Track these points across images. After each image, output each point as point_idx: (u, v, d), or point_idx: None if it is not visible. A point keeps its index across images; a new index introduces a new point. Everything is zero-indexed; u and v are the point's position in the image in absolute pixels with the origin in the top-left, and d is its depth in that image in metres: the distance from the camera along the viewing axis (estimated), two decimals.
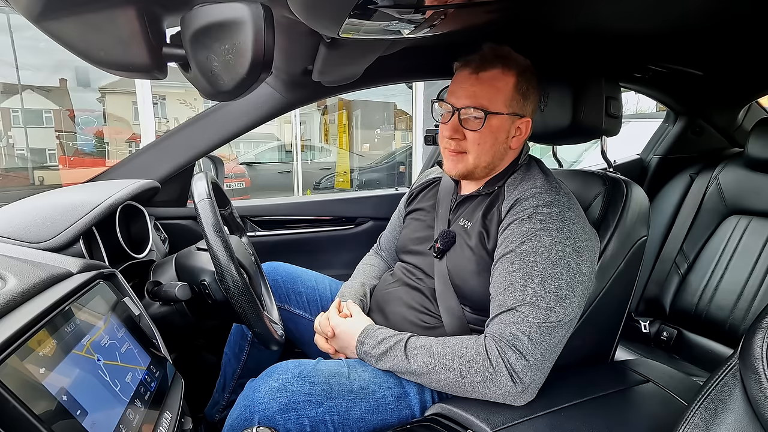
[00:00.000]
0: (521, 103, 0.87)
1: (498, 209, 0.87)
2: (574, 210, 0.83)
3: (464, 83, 0.86)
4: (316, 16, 0.57)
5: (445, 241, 0.91)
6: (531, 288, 0.76)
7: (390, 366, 0.83)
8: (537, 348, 0.74)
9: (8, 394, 0.41)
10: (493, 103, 0.84)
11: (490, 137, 0.86)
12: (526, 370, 0.74)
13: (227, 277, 0.75)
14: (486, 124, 0.84)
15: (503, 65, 0.84)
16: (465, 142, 0.87)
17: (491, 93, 0.84)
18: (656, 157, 1.83)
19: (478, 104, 0.84)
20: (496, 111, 0.84)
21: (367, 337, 0.86)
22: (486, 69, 0.84)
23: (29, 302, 0.53)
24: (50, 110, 6.06)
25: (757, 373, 0.48)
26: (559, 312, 0.75)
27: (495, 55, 0.84)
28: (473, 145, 0.86)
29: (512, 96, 0.85)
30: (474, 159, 0.87)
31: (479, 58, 0.85)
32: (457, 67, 0.89)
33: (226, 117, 1.23)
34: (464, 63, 0.87)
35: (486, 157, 0.88)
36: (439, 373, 0.77)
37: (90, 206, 0.83)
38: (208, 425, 1.13)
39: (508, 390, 0.74)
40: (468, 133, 0.86)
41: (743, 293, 1.41)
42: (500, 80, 0.84)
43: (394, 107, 7.36)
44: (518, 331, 0.74)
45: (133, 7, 0.43)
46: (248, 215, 1.48)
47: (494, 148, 0.87)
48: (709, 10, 0.81)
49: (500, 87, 0.84)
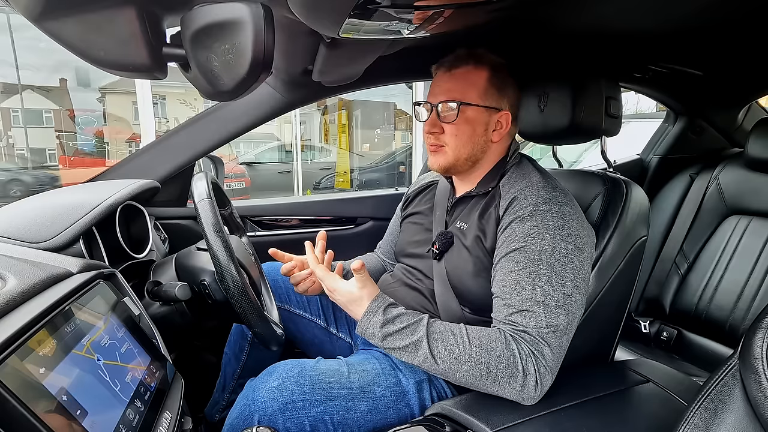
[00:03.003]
0: (496, 96, 0.89)
1: (495, 208, 0.87)
2: (572, 206, 0.83)
3: (440, 82, 0.90)
4: (316, 16, 0.57)
5: (443, 243, 0.91)
6: (539, 287, 0.75)
7: (402, 345, 0.76)
8: (555, 352, 0.74)
9: (8, 394, 0.41)
10: (466, 96, 0.87)
11: (466, 129, 0.88)
12: (546, 373, 0.74)
13: (227, 277, 0.75)
14: (460, 116, 0.87)
15: (475, 61, 0.88)
16: (443, 135, 0.89)
17: (464, 86, 0.87)
18: (656, 157, 1.83)
19: (452, 98, 0.87)
20: (469, 102, 0.86)
21: (380, 307, 0.79)
22: (458, 66, 0.88)
23: (29, 302, 0.53)
24: (50, 110, 6.07)
25: (757, 373, 0.48)
26: (568, 310, 0.75)
27: (468, 54, 0.88)
28: (451, 138, 0.89)
29: (486, 89, 0.87)
30: (453, 151, 0.89)
31: (453, 58, 0.89)
32: (434, 70, 0.93)
33: (226, 117, 1.23)
34: (439, 64, 0.91)
35: (465, 149, 0.89)
36: (462, 364, 0.73)
37: (90, 206, 0.83)
38: (208, 425, 1.13)
39: (529, 391, 0.73)
40: (445, 126, 0.89)
41: (743, 293, 1.41)
42: (473, 74, 0.87)
43: (394, 107, 7.37)
44: (537, 335, 0.74)
45: (133, 7, 0.43)
46: (248, 215, 1.48)
47: (472, 140, 0.89)
48: (709, 10, 0.81)
49: (473, 81, 0.87)
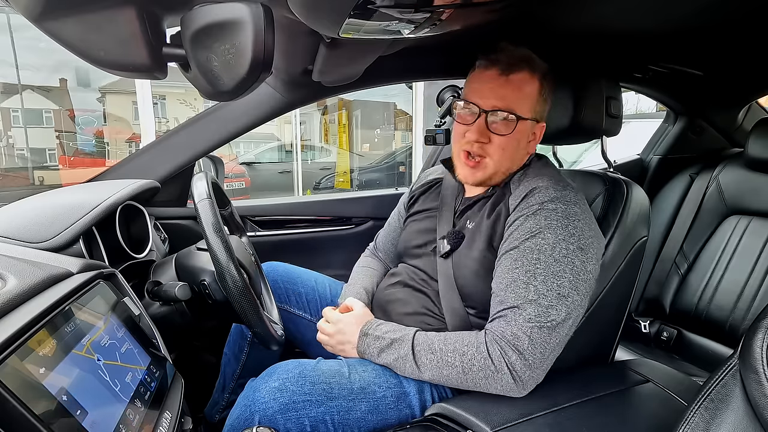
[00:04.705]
0: (542, 107, 0.86)
1: (505, 206, 0.86)
2: (581, 206, 0.82)
3: (492, 84, 0.82)
4: (316, 16, 0.57)
5: (454, 241, 0.90)
6: (533, 285, 0.76)
7: (393, 359, 0.82)
8: (537, 348, 0.74)
9: (8, 394, 0.41)
10: (521, 108, 0.82)
11: (514, 143, 0.84)
12: (525, 369, 0.74)
13: (227, 277, 0.75)
14: (515, 129, 0.82)
15: (530, 68, 0.82)
16: (489, 146, 0.84)
17: (520, 97, 0.82)
18: (656, 157, 1.83)
19: (508, 107, 0.81)
20: (524, 116, 0.82)
21: (371, 329, 0.86)
22: (514, 71, 0.82)
23: (29, 302, 0.53)
24: (50, 110, 6.06)
25: (757, 373, 0.48)
26: (560, 310, 0.75)
27: (521, 58, 0.82)
28: (497, 150, 0.84)
29: (537, 101, 0.84)
30: (495, 165, 0.86)
31: (506, 58, 0.82)
32: (480, 66, 0.85)
33: (226, 117, 1.23)
34: (490, 62, 0.83)
35: (507, 163, 0.86)
36: (442, 370, 0.78)
37: (90, 206, 0.83)
38: (208, 425, 1.13)
39: (509, 387, 0.76)
40: (494, 137, 0.83)
41: (743, 293, 1.41)
42: (528, 84, 0.82)
43: (394, 107, 7.36)
44: (519, 331, 0.75)
45: (133, 7, 0.43)
46: (248, 215, 1.48)
47: (516, 153, 0.86)
48: (709, 10, 0.81)
49: (528, 91, 0.83)
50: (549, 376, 0.79)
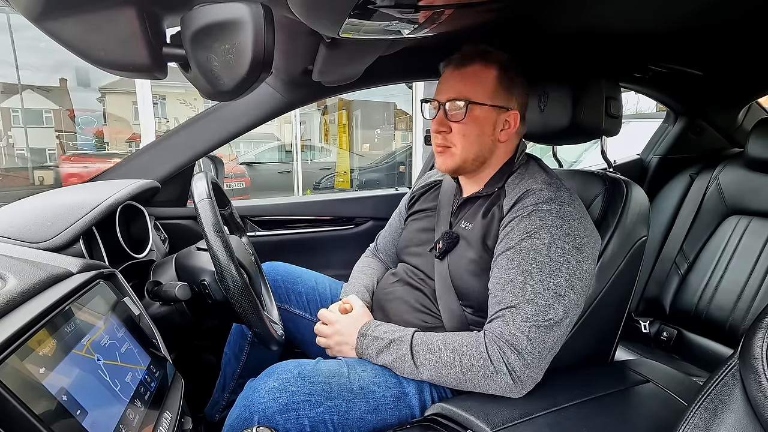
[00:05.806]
0: (505, 95, 0.89)
1: (500, 208, 0.87)
2: (575, 206, 0.83)
3: (448, 79, 0.89)
4: (316, 16, 0.57)
5: (448, 242, 0.92)
6: (530, 285, 0.76)
7: (391, 360, 0.83)
8: (535, 347, 0.75)
9: (8, 394, 0.41)
10: (475, 95, 0.87)
11: (474, 128, 0.88)
12: (524, 369, 0.75)
13: (227, 277, 0.75)
14: (469, 114, 0.86)
15: (484, 60, 0.87)
16: (451, 135, 0.89)
17: (474, 85, 0.87)
18: (656, 157, 1.83)
19: (461, 96, 0.87)
20: (478, 101, 0.86)
21: (369, 329, 0.87)
22: (467, 64, 0.88)
23: (29, 302, 0.53)
24: (50, 110, 6.07)
25: (757, 373, 0.48)
26: (558, 309, 0.76)
27: (475, 52, 0.88)
28: (458, 137, 0.89)
29: (495, 88, 0.87)
30: (461, 152, 0.89)
31: (461, 55, 0.89)
32: (442, 68, 0.93)
33: (226, 117, 1.23)
34: (447, 62, 0.91)
35: (473, 149, 0.89)
36: (441, 370, 0.79)
37: (90, 206, 0.83)
38: (208, 425, 1.13)
39: (508, 387, 0.76)
40: (453, 125, 0.88)
41: (743, 293, 1.41)
42: (482, 73, 0.87)
43: (394, 107, 7.36)
44: (517, 331, 0.75)
45: (133, 7, 0.43)
46: (248, 215, 1.48)
47: (480, 139, 0.89)
48: (709, 10, 0.81)
49: (482, 80, 0.87)
50: (549, 376, 0.79)
